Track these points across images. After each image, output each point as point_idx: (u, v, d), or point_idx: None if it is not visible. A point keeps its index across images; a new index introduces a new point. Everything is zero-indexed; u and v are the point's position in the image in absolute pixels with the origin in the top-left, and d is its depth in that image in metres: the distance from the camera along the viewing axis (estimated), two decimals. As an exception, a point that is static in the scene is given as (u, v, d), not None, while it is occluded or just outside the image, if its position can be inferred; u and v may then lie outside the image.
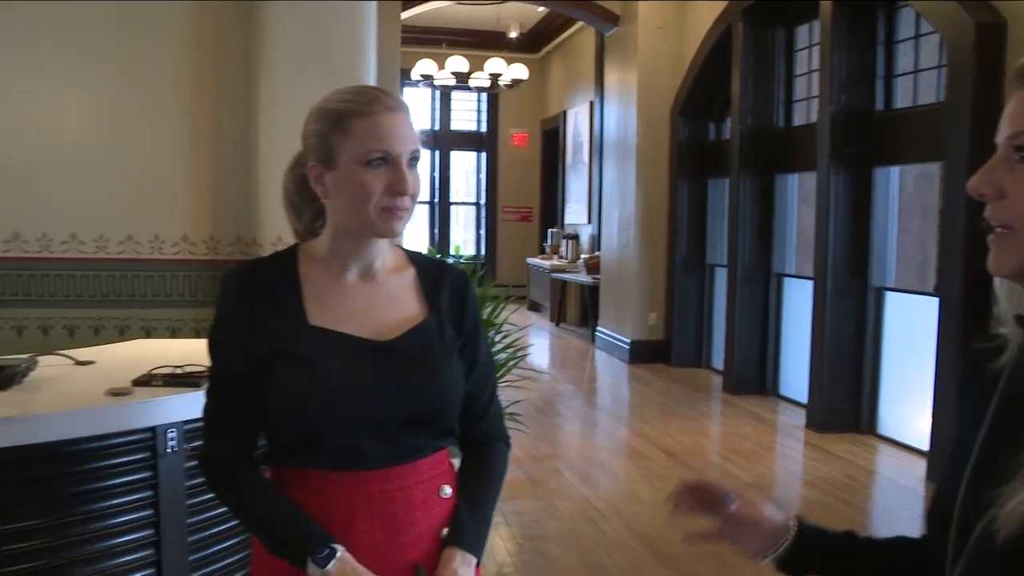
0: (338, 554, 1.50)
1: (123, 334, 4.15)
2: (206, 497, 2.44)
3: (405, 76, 11.26)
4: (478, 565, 1.64)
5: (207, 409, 1.65)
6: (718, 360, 8.53)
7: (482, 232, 15.33)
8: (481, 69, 11.94)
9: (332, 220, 1.63)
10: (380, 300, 1.65)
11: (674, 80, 8.88)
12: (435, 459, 1.66)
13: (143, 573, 2.36)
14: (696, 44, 8.58)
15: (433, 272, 1.73)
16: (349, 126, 1.55)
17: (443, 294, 1.70)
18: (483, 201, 15.29)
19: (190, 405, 2.26)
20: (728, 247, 8.02)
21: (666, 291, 9.15)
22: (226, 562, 2.55)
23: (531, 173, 15.00)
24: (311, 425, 1.56)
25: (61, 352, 2.63)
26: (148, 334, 4.13)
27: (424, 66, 11.74)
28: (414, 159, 1.59)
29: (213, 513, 2.49)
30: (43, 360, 2.48)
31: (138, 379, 2.28)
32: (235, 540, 2.56)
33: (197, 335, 4.13)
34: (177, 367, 2.33)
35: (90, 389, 2.27)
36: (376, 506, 1.58)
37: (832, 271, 6.30)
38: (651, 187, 9.05)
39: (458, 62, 11.76)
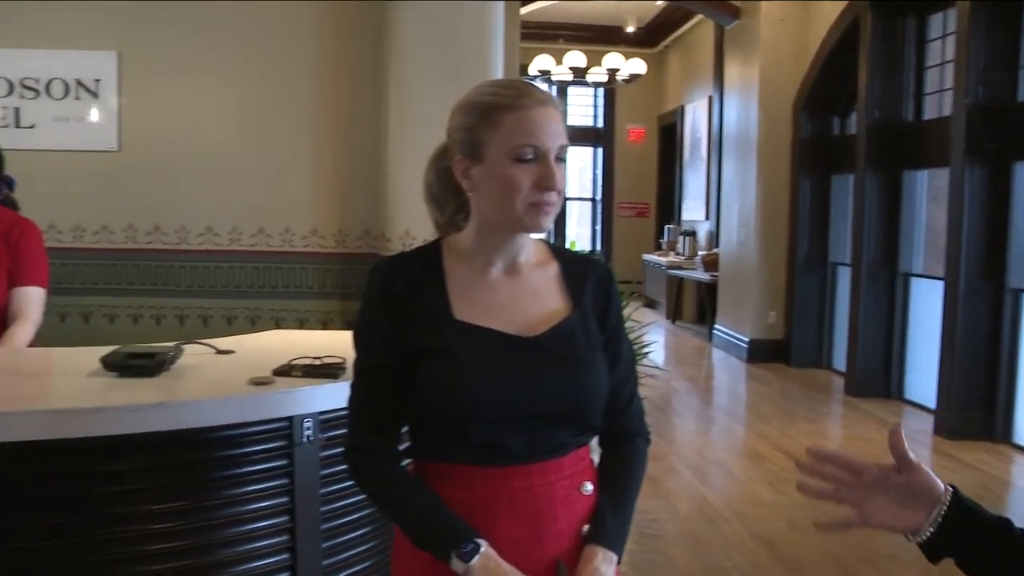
0: (482, 549, 1.51)
1: (254, 324, 4.27)
2: (340, 486, 2.49)
3: (523, 72, 11.28)
4: (618, 563, 1.62)
5: (352, 401, 1.67)
6: (840, 361, 8.30)
7: (597, 228, 15.26)
8: (599, 64, 11.87)
9: (477, 214, 1.63)
10: (524, 295, 1.65)
11: (797, 74, 8.67)
12: (577, 455, 1.65)
13: (277, 559, 2.40)
14: (820, 37, 8.35)
15: (577, 267, 1.71)
16: (498, 120, 1.55)
17: (587, 289, 1.68)
18: (599, 197, 15.23)
19: (327, 396, 2.30)
20: (852, 245, 7.79)
21: (786, 289, 8.95)
22: (357, 550, 2.58)
23: (647, 168, 14.86)
24: (455, 420, 1.56)
25: (203, 341, 2.71)
26: (277, 324, 4.25)
27: (542, 62, 11.73)
28: (562, 154, 1.57)
29: (346, 502, 2.52)
30: (187, 348, 2.55)
31: (278, 369, 2.33)
32: (366, 529, 2.59)
33: (324, 326, 4.23)
34: (315, 358, 2.37)
35: (232, 378, 2.33)
36: (518, 502, 1.58)
37: (965, 272, 6.05)
38: (772, 183, 8.86)
39: (576, 57, 11.72)
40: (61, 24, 4.34)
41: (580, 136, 15.15)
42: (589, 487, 1.65)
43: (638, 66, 11.86)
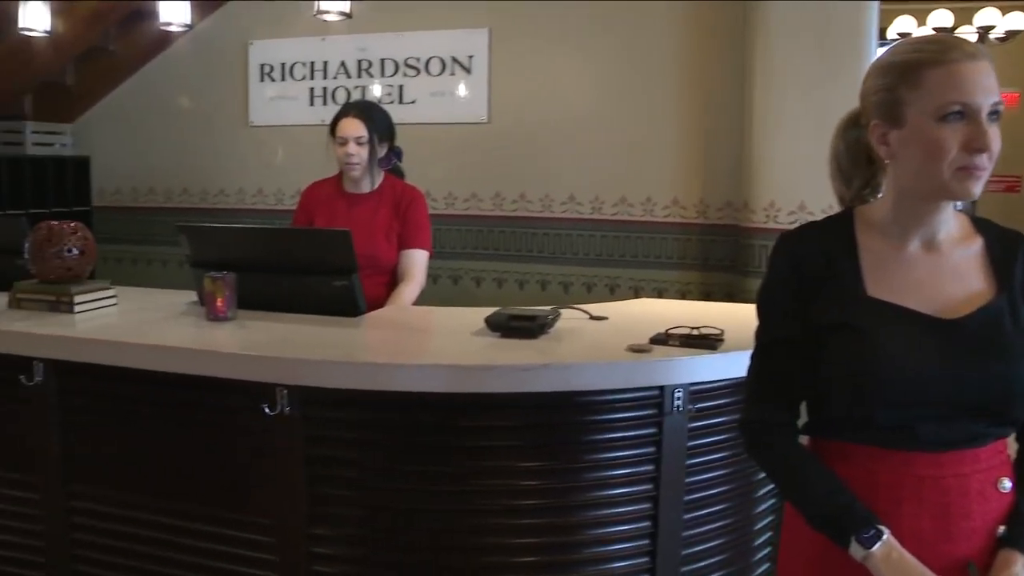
0: (884, 537, 1.42)
1: (612, 292, 4.33)
2: (706, 459, 2.45)
3: (881, 37, 10.55)
4: None
5: (751, 372, 1.61)
6: None
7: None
8: (968, 23, 10.84)
9: (896, 183, 1.51)
10: (945, 273, 1.51)
11: None
12: (995, 448, 1.51)
13: (638, 525, 2.41)
14: None
15: (1005, 243, 1.55)
16: (920, 78, 1.42)
17: (1017, 269, 1.52)
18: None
19: (703, 367, 2.26)
20: None
21: None
22: (717, 525, 2.53)
23: (1019, 137, 13.41)
24: (863, 401, 1.47)
25: (577, 306, 2.76)
26: (636, 293, 4.28)
27: (902, 24, 10.90)
28: (995, 112, 1.41)
29: (711, 475, 2.48)
30: (562, 313, 2.61)
31: (655, 337, 2.32)
32: (727, 505, 2.54)
33: (682, 297, 4.20)
34: (693, 328, 2.34)
35: (609, 344, 2.35)
36: (925, 491, 1.47)
37: None
38: None
39: (942, 16, 10.77)
40: (439, 7, 4.61)
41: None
42: (1007, 484, 1.50)
43: (1018, 21, 10.70)
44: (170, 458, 2.58)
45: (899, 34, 10.94)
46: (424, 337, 2.72)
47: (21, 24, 4.26)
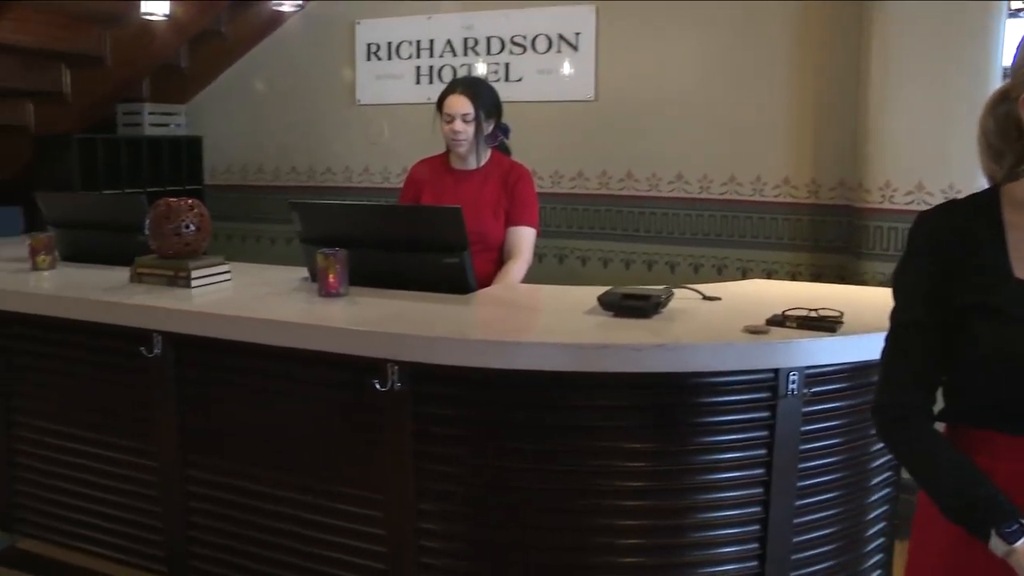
0: None
1: (720, 273, 4.25)
2: (819, 444, 2.39)
3: (1010, 11, 10.10)
4: None
5: (885, 354, 1.55)
6: None
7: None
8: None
9: None
10: None
11: None
12: None
13: (749, 510, 2.36)
14: None
15: None
16: None
17: None
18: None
19: (821, 350, 2.19)
20: None
21: None
22: (829, 513, 2.47)
23: None
24: (1008, 387, 1.39)
25: (689, 286, 2.71)
26: (744, 274, 4.19)
27: (1031, -6, 10.41)
28: None
29: (824, 461, 2.42)
30: (676, 293, 2.57)
31: (772, 318, 2.26)
32: (839, 493, 2.47)
33: (792, 279, 4.10)
34: (811, 310, 2.27)
35: (724, 325, 2.30)
36: None
37: None
38: None
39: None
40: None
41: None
42: None
43: None
44: (281, 431, 2.64)
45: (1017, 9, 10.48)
46: (535, 315, 2.70)
47: (143, 10, 4.40)
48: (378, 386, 2.33)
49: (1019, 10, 10.44)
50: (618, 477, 2.32)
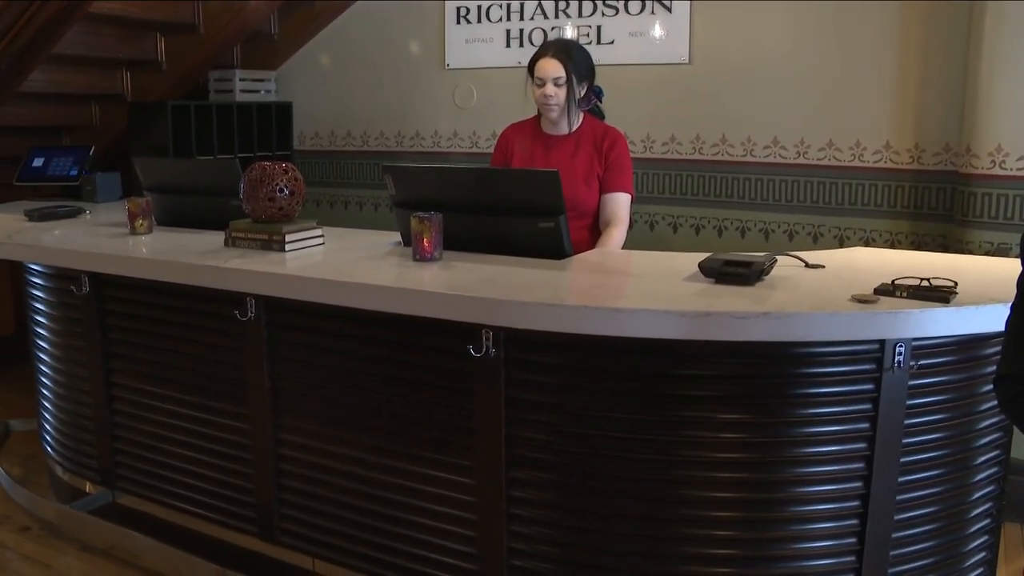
0: None
1: (816, 241, 4.13)
2: (926, 419, 2.31)
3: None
4: None
5: (1011, 324, 1.49)
6: None
7: None
8: None
9: None
10: None
11: None
12: None
13: (849, 485, 2.30)
14: None
15: None
16: None
17: None
18: None
19: (931, 321, 2.10)
20: None
21: None
22: (932, 491, 2.39)
23: None
24: None
25: (792, 253, 2.63)
26: (840, 243, 4.06)
27: None
28: None
29: (930, 437, 2.34)
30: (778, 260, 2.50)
31: (880, 288, 2.17)
32: (944, 470, 2.39)
33: (891, 247, 3.96)
34: (923, 279, 2.17)
35: (831, 293, 2.22)
36: None
37: None
38: None
39: None
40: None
41: None
42: None
43: None
44: (373, 397, 2.64)
45: None
46: (634, 281, 2.65)
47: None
48: (473, 352, 2.32)
49: None
50: (714, 448, 2.28)
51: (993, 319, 2.13)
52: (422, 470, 2.58)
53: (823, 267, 2.54)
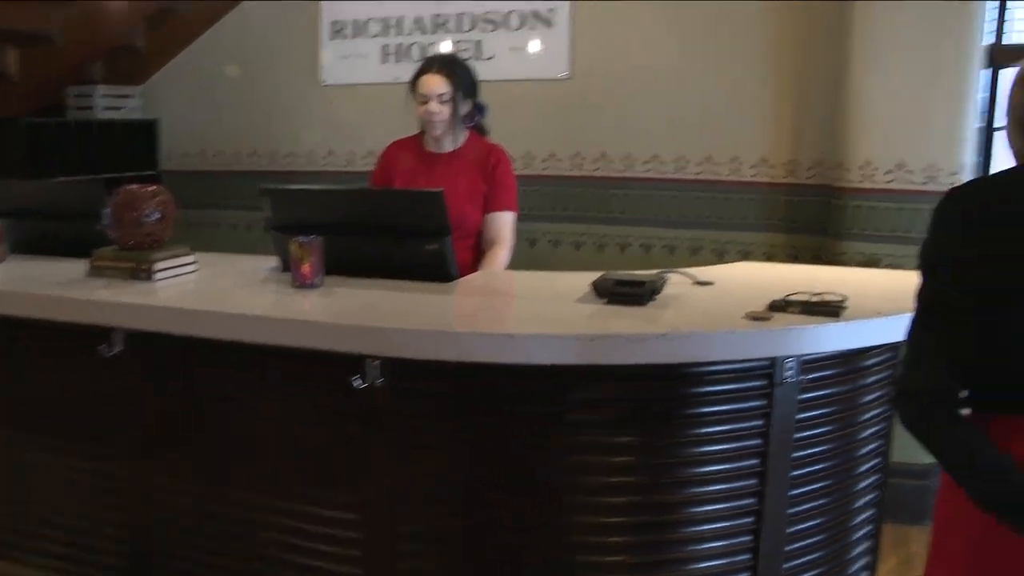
0: None
1: (695, 255, 4.17)
2: (813, 433, 2.34)
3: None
4: None
5: (913, 338, 1.49)
6: None
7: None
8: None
9: None
10: None
11: None
12: None
13: (743, 502, 2.30)
14: None
15: None
16: None
17: None
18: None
19: (823, 337, 2.12)
20: None
21: None
22: (820, 502, 2.42)
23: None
24: None
25: (681, 271, 2.63)
26: (720, 257, 4.11)
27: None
28: None
29: (817, 450, 2.37)
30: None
31: (773, 304, 2.18)
32: (830, 482, 2.43)
33: (767, 259, 4.03)
34: (814, 294, 2.19)
35: (721, 311, 2.21)
36: None
37: None
38: None
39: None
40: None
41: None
42: None
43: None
44: (252, 432, 2.50)
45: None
46: (525, 304, 2.59)
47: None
48: (357, 383, 2.22)
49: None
50: (606, 472, 2.23)
51: (880, 332, 2.17)
52: (305, 508, 2.44)
53: (712, 284, 2.54)
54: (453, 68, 3.12)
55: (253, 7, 5.03)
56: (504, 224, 3.15)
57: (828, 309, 2.12)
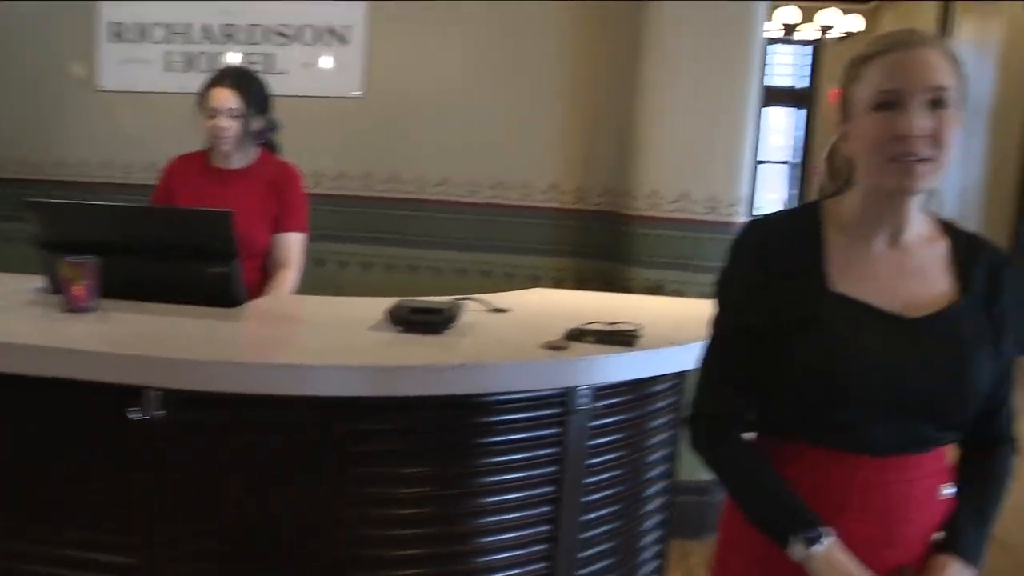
0: (827, 539, 1.41)
1: (487, 279, 4.18)
2: (604, 459, 2.38)
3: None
4: None
5: (707, 364, 1.56)
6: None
7: (794, 192, 14.62)
8: (811, 20, 11.19)
9: (859, 178, 1.48)
10: (909, 272, 1.49)
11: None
12: (938, 454, 1.52)
13: (537, 529, 2.31)
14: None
15: (969, 247, 1.54)
16: (862, 70, 1.43)
17: (978, 273, 1.50)
18: (798, 160, 14.55)
19: (618, 366, 2.16)
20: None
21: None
22: (611, 526, 2.48)
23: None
24: (822, 399, 1.43)
25: (476, 297, 2.61)
26: (509, 281, 4.13)
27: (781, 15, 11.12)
28: (937, 100, 1.37)
29: (607, 476, 2.42)
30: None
31: (570, 333, 2.19)
32: (620, 505, 2.48)
33: (556, 284, 4.09)
34: (609, 324, 2.22)
35: (520, 340, 2.21)
36: (870, 496, 1.46)
37: None
38: (1002, 155, 8.10)
39: (789, 13, 11.07)
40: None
41: (780, 97, 14.47)
42: (946, 491, 1.51)
43: (856, 23, 11.11)
44: (17, 472, 2.26)
45: (783, 24, 11.13)
46: (316, 331, 2.49)
47: None
48: (135, 415, 2.05)
49: (777, 40, 11.08)
50: (396, 505, 2.17)
51: (671, 361, 2.24)
52: (79, 554, 2.23)
53: (508, 311, 2.54)
54: (245, 83, 3.00)
55: (19, 3, 4.66)
56: (294, 246, 3.04)
57: (623, 339, 2.16)
